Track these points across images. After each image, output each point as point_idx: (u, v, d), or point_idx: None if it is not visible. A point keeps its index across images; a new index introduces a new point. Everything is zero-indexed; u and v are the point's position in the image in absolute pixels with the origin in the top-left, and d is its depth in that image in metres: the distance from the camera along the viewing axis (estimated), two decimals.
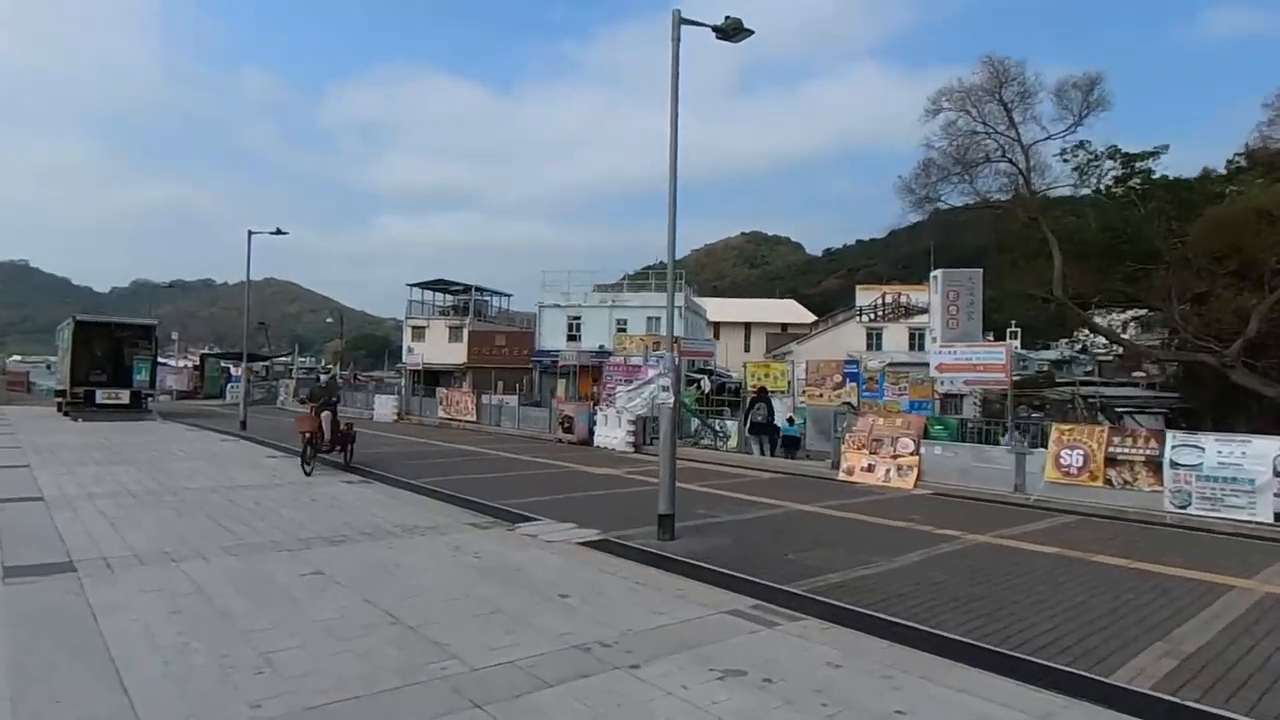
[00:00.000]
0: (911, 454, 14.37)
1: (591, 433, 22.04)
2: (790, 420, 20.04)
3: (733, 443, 21.86)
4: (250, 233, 24.28)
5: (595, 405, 23.42)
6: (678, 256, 8.91)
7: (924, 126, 27.62)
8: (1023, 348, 43.72)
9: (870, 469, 14.85)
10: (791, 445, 19.54)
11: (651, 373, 22.32)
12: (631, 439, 20.64)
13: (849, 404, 17.35)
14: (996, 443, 14.41)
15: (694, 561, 7.79)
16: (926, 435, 14.57)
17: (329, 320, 79.13)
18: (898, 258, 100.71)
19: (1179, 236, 23.36)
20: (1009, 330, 47.45)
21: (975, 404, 28.45)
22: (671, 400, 8.97)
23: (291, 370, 50.16)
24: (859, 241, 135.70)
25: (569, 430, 22.64)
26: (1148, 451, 11.67)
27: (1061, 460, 12.42)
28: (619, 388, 22.72)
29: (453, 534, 8.82)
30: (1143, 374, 43.65)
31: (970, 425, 15.23)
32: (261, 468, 14.45)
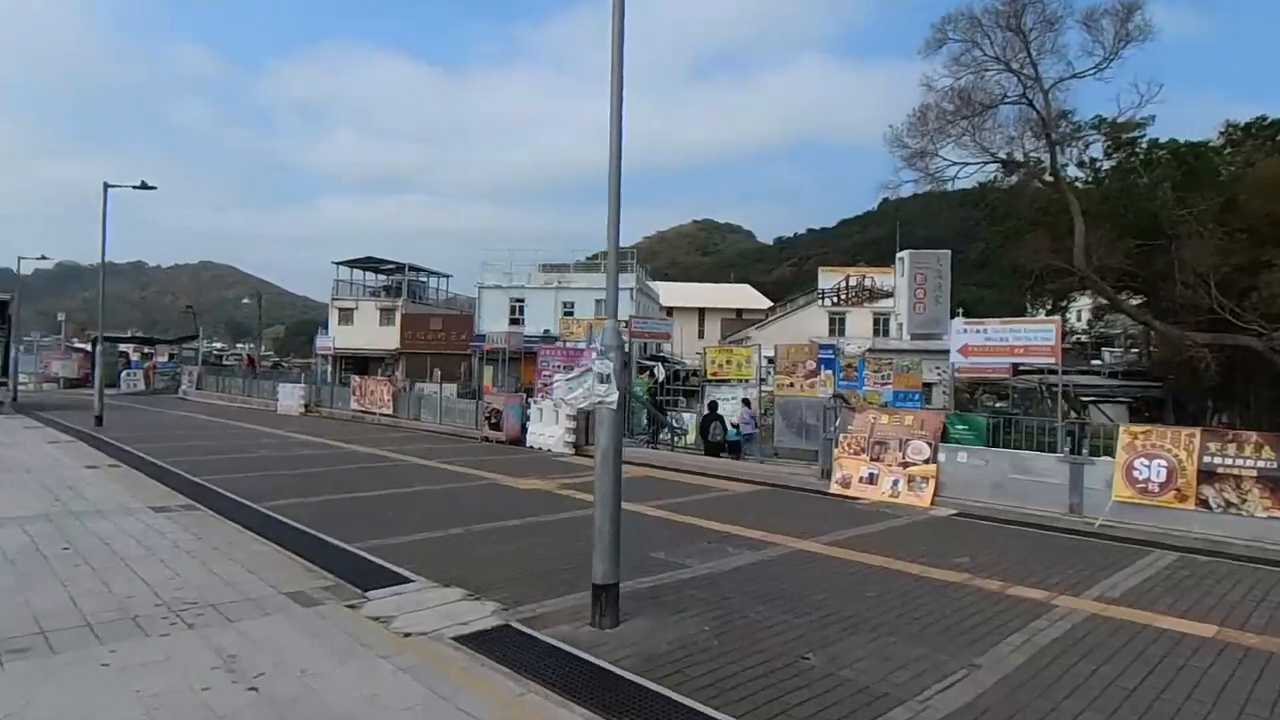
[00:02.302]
0: (927, 462, 11.19)
1: (524, 430, 18.46)
2: (735, 426, 16.83)
3: (691, 438, 18.69)
4: (106, 185, 19.66)
5: (529, 397, 19.81)
6: (627, 244, 5.73)
7: (924, 62, 23.50)
8: None
9: (872, 480, 11.64)
10: (735, 450, 16.37)
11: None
12: (571, 438, 17.12)
13: (841, 397, 14.12)
14: (1028, 446, 11.33)
15: (654, 686, 4.41)
16: (945, 437, 11.43)
17: (245, 301, 73.17)
18: (849, 246, 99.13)
19: (1188, 207, 20.79)
20: (957, 314, 45.34)
21: (945, 394, 25.78)
22: (614, 398, 5.46)
23: (199, 356, 45.06)
24: (810, 230, 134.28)
25: (496, 427, 18.99)
26: (1261, 463, 8.66)
27: (1136, 473, 9.35)
28: (557, 376, 19.13)
29: (246, 620, 5.25)
30: (1100, 361, 42.35)
31: (993, 423, 12.07)
32: (48, 489, 10.49)
